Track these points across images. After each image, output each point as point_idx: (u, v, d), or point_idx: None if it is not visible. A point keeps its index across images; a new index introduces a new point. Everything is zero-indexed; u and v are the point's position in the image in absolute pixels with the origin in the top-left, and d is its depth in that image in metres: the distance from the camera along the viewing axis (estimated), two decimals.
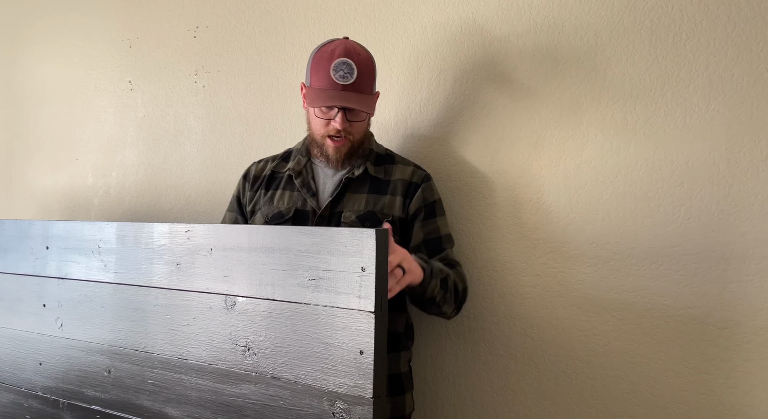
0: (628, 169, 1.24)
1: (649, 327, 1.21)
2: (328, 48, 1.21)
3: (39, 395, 1.23)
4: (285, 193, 1.28)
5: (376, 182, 1.26)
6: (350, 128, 1.21)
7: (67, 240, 1.21)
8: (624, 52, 1.24)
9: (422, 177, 1.28)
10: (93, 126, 2.01)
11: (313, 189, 1.27)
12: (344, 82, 1.18)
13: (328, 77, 1.18)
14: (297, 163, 1.30)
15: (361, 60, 1.20)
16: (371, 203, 1.24)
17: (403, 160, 1.32)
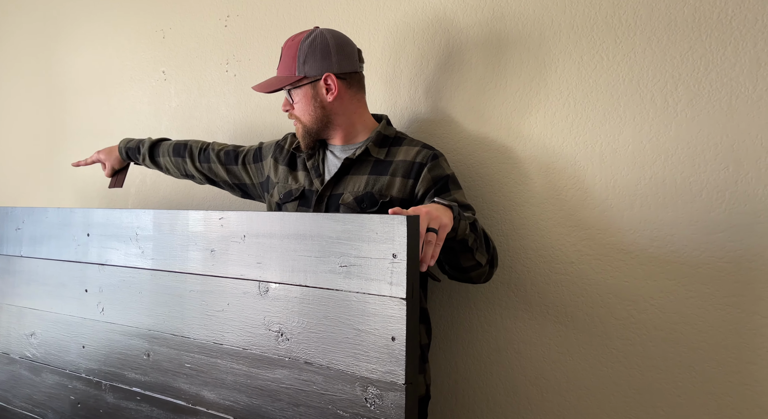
0: (669, 153, 1.19)
1: (690, 316, 1.17)
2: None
3: (83, 377, 1.28)
4: (299, 173, 1.34)
5: (377, 163, 1.27)
6: (292, 110, 1.30)
7: (107, 228, 1.24)
8: (665, 31, 1.19)
9: (428, 156, 1.25)
10: (129, 116, 2.05)
11: (320, 170, 1.31)
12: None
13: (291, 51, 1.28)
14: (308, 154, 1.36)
15: (288, 44, 1.28)
16: (370, 184, 1.24)
17: (412, 142, 1.29)
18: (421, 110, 1.49)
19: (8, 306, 1.44)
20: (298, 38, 1.27)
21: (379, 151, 1.28)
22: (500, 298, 1.36)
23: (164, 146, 1.57)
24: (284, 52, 1.28)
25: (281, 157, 1.38)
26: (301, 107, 1.28)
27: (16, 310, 1.42)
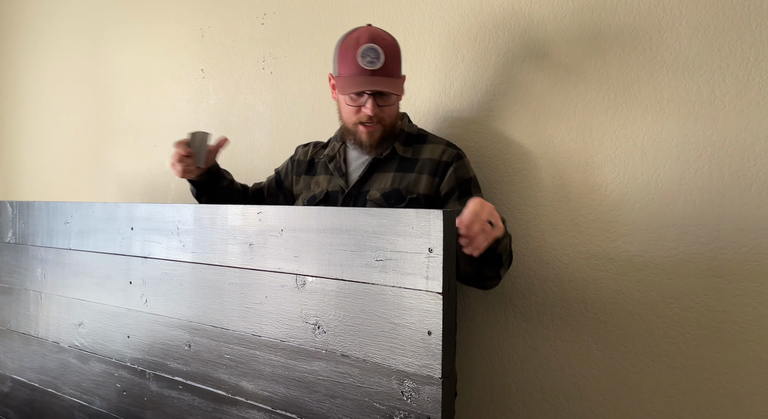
0: (715, 146, 1.15)
1: (738, 314, 1.13)
2: (352, 36, 1.22)
3: (128, 365, 1.32)
4: (321, 177, 1.34)
5: (403, 161, 1.27)
6: (381, 113, 1.23)
7: (150, 222, 1.28)
8: (712, 20, 1.15)
9: (453, 155, 1.26)
10: (169, 113, 2.11)
11: (343, 170, 1.31)
12: (372, 67, 1.19)
13: (356, 64, 1.19)
14: (332, 148, 1.36)
15: (387, 44, 1.21)
16: (397, 181, 1.25)
17: (435, 139, 1.30)
18: (444, 106, 1.48)
19: (58, 297, 1.50)
20: (390, 38, 1.24)
21: (405, 149, 1.28)
22: (537, 295, 1.35)
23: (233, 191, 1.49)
24: (387, 51, 1.21)
25: (299, 169, 1.41)
26: (394, 108, 1.26)
27: (66, 301, 1.48)
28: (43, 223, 1.54)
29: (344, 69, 1.22)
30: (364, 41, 1.20)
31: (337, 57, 1.24)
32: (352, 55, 1.20)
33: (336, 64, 1.25)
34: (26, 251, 1.58)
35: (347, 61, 1.21)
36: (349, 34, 1.24)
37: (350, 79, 1.20)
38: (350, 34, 1.24)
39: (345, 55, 1.21)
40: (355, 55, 1.20)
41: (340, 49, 1.23)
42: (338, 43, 1.25)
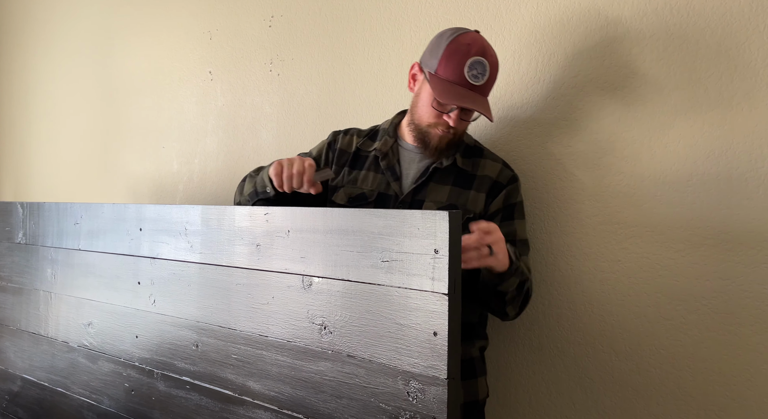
0: (723, 148, 1.15)
1: (745, 316, 1.12)
2: (463, 40, 1.14)
3: (136, 365, 1.34)
4: (369, 174, 1.26)
5: (461, 175, 1.22)
6: (460, 126, 1.19)
7: (158, 223, 1.29)
8: (720, 22, 1.15)
9: (509, 177, 1.24)
10: (177, 115, 2.13)
11: (397, 172, 1.24)
12: (475, 82, 1.13)
13: (461, 73, 1.13)
14: (384, 143, 1.27)
15: (493, 62, 1.16)
16: (454, 196, 1.20)
17: (491, 155, 1.27)
18: None
19: (68, 297, 1.51)
20: (495, 55, 1.17)
21: (464, 161, 1.24)
22: (543, 296, 1.34)
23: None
24: (492, 69, 1.15)
25: (342, 160, 1.30)
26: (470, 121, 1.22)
27: (75, 301, 1.49)
28: (53, 224, 1.55)
29: (445, 71, 1.14)
30: (475, 52, 1.13)
31: (441, 55, 1.14)
32: (460, 61, 1.13)
33: (435, 59, 1.16)
34: (36, 251, 1.60)
35: (452, 65, 1.13)
36: (460, 37, 1.15)
37: (450, 86, 1.13)
38: (460, 36, 1.15)
39: (451, 57, 1.13)
40: (462, 63, 1.13)
41: (447, 49, 1.14)
42: (444, 39, 1.16)
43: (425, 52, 1.20)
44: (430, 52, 1.18)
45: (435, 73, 1.16)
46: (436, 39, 1.18)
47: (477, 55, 1.13)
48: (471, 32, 1.17)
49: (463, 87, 1.13)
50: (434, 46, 1.17)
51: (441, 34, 1.18)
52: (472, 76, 1.13)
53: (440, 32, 1.19)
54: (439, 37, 1.18)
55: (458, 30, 1.17)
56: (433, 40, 1.19)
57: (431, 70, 1.16)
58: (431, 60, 1.17)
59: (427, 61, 1.18)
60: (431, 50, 1.18)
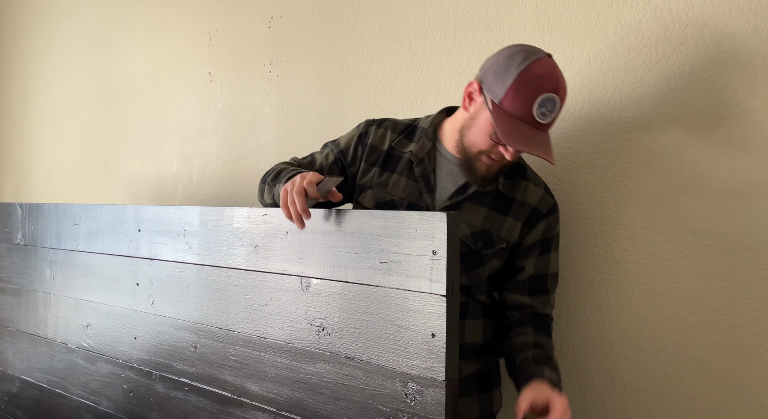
0: (723, 149, 1.15)
1: (745, 318, 1.12)
2: (536, 69, 1.01)
3: (134, 366, 1.33)
4: (401, 179, 1.14)
5: (500, 198, 1.12)
6: (514, 157, 1.07)
7: (156, 224, 1.29)
8: (719, 22, 1.15)
9: (550, 206, 1.15)
10: (177, 116, 2.13)
11: (431, 183, 1.13)
12: (543, 120, 1.02)
13: (529, 109, 1.01)
14: (421, 146, 1.15)
15: (563, 96, 1.04)
16: (490, 221, 1.11)
17: (534, 177, 1.17)
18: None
19: (66, 298, 1.51)
20: (565, 83, 1.06)
21: (505, 183, 1.13)
22: None
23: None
24: (561, 105, 1.04)
25: (372, 158, 1.17)
26: None
27: (74, 302, 1.49)
28: (51, 225, 1.55)
29: (512, 105, 1.01)
30: (548, 88, 1.01)
31: (509, 86, 1.01)
32: (530, 97, 1.00)
33: (501, 87, 1.02)
34: (35, 253, 1.60)
35: (520, 98, 1.01)
36: (532, 65, 1.01)
37: (515, 124, 1.01)
38: (533, 64, 1.01)
39: (521, 91, 1.00)
40: (532, 100, 1.00)
41: (517, 80, 1.01)
42: (515, 66, 1.02)
43: (488, 72, 1.06)
44: (494, 76, 1.04)
45: (499, 104, 1.03)
46: (504, 61, 1.03)
47: (549, 91, 1.01)
48: (544, 58, 1.03)
49: (528, 124, 1.02)
50: (501, 71, 1.03)
51: (510, 56, 1.03)
52: (540, 114, 1.01)
53: (508, 52, 1.05)
54: (507, 60, 1.03)
55: (530, 54, 1.03)
56: (500, 61, 1.04)
57: (495, 98, 1.03)
58: (496, 86, 1.03)
59: (490, 86, 1.04)
60: (497, 73, 1.03)
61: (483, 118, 1.06)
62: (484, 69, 1.08)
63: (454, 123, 1.15)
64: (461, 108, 1.12)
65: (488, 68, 1.06)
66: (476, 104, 1.08)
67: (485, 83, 1.06)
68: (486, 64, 1.08)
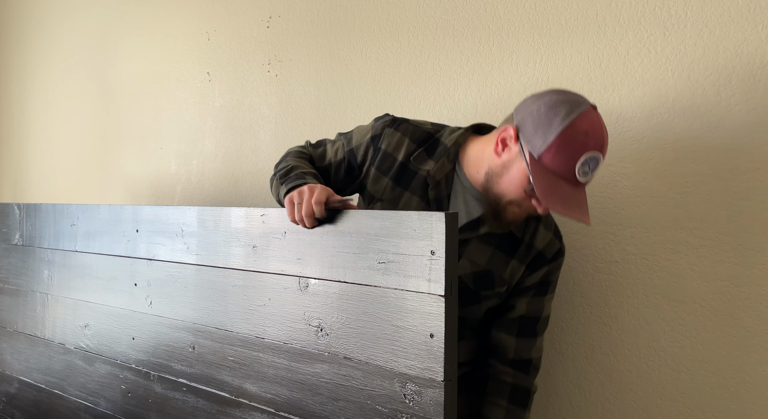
0: (722, 149, 1.14)
1: (744, 318, 1.12)
2: (581, 126, 0.93)
3: (133, 367, 1.33)
4: (414, 198, 1.07)
5: (509, 238, 1.07)
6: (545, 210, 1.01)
7: (154, 224, 1.29)
8: (717, 23, 1.14)
9: (556, 251, 1.11)
10: (175, 117, 2.12)
11: (443, 208, 1.07)
12: (584, 179, 0.95)
13: (571, 168, 0.94)
14: (440, 167, 1.06)
15: (605, 151, 0.98)
16: (494, 261, 1.07)
17: (546, 219, 1.12)
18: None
19: (64, 298, 1.51)
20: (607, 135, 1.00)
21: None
22: None
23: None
24: (604, 157, 0.99)
25: (383, 166, 1.09)
26: None
27: (72, 303, 1.49)
28: (49, 225, 1.55)
29: (552, 161, 0.94)
30: (593, 146, 0.94)
31: (551, 141, 0.94)
32: (573, 156, 0.93)
33: (542, 141, 0.94)
34: (33, 253, 1.60)
35: (562, 156, 0.93)
36: (577, 121, 0.93)
37: (555, 183, 0.94)
38: (578, 120, 0.93)
39: (564, 148, 0.93)
40: (576, 158, 0.93)
41: (560, 137, 0.93)
42: (558, 121, 0.94)
43: (526, 120, 0.97)
44: (534, 127, 0.96)
45: (539, 159, 0.95)
46: (547, 112, 0.95)
47: (594, 149, 0.94)
48: (589, 111, 0.95)
49: (567, 182, 0.95)
50: (542, 122, 0.95)
51: (553, 107, 0.95)
52: (582, 173, 0.94)
53: (550, 101, 0.96)
54: (550, 112, 0.95)
55: (574, 107, 0.95)
56: (541, 111, 0.96)
57: (534, 151, 0.95)
58: (536, 139, 0.95)
59: (529, 137, 0.96)
60: (537, 125, 0.95)
61: (518, 169, 0.98)
62: (521, 115, 0.98)
63: (480, 156, 1.05)
64: (492, 149, 1.02)
65: (527, 116, 0.97)
66: (510, 152, 0.99)
67: (523, 132, 0.97)
68: (524, 109, 0.99)
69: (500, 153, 1.01)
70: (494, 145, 1.01)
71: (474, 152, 1.07)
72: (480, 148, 1.06)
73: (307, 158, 1.17)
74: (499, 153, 1.01)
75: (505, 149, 1.00)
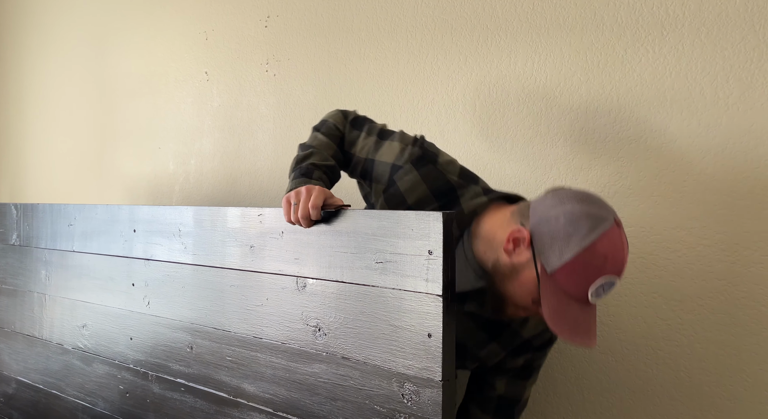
0: (719, 148, 1.14)
1: (742, 317, 1.12)
2: (601, 249, 0.86)
3: (131, 367, 1.33)
4: None
5: (494, 320, 1.02)
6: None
7: (152, 224, 1.29)
8: (715, 22, 1.14)
9: (545, 341, 1.06)
10: (173, 116, 2.12)
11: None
12: (596, 300, 0.89)
13: (584, 291, 0.87)
14: None
15: (623, 273, 0.90)
16: (472, 338, 1.03)
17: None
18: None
19: (62, 299, 1.51)
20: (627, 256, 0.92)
21: None
22: None
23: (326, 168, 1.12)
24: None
25: (392, 202, 1.05)
26: None
27: (69, 303, 1.49)
28: (46, 225, 1.55)
29: (566, 281, 0.87)
30: (611, 270, 0.86)
31: (567, 261, 0.86)
32: (589, 279, 0.87)
33: (557, 258, 0.87)
34: (30, 253, 1.59)
35: (577, 278, 0.87)
36: (598, 243, 0.86)
37: (564, 302, 0.87)
38: (599, 241, 0.86)
39: (580, 268, 0.86)
40: (591, 281, 0.86)
41: (577, 258, 0.86)
42: (577, 240, 0.86)
43: (542, 228, 0.89)
44: (551, 239, 0.88)
45: (552, 276, 0.88)
46: (566, 226, 0.87)
47: (612, 273, 0.87)
48: (612, 230, 0.87)
49: (578, 302, 0.88)
50: (560, 237, 0.87)
51: (574, 222, 0.87)
52: (595, 296, 0.88)
53: (572, 214, 0.88)
54: (569, 226, 0.87)
55: (597, 224, 0.86)
56: (560, 224, 0.88)
57: (548, 267, 0.88)
58: (551, 253, 0.87)
59: (544, 249, 0.88)
60: (554, 238, 0.87)
61: (527, 278, 0.90)
62: (538, 217, 0.90)
63: (491, 237, 0.96)
64: (504, 239, 0.92)
65: (544, 222, 0.89)
66: (521, 256, 0.90)
67: (537, 241, 0.89)
68: (542, 211, 0.90)
69: (510, 252, 0.92)
70: (505, 241, 0.92)
71: (486, 229, 0.97)
72: (493, 228, 0.96)
73: (336, 138, 1.12)
74: (510, 252, 0.92)
75: (516, 250, 0.91)
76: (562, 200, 0.90)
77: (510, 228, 0.93)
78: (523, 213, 0.93)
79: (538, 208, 0.92)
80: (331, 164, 1.09)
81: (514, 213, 0.95)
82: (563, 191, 0.93)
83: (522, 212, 0.94)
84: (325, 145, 1.11)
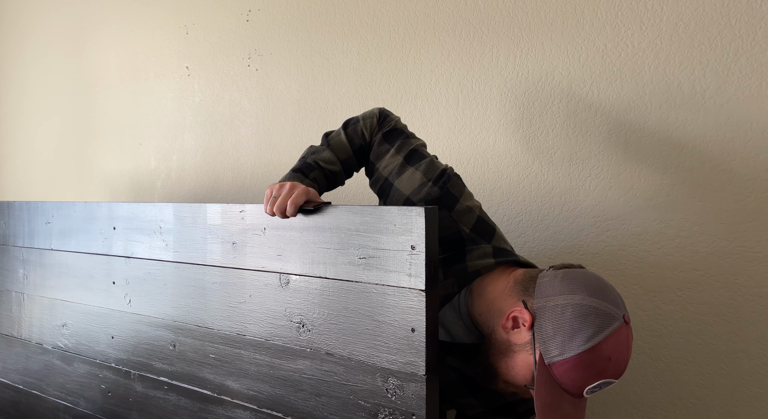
0: (696, 141, 1.16)
1: (719, 306, 1.14)
2: (606, 349, 0.82)
3: (112, 366, 1.31)
4: None
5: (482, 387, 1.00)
6: None
7: (132, 221, 1.27)
8: (692, 16, 1.16)
9: (530, 409, 1.03)
10: (154, 111, 2.09)
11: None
12: (588, 395, 0.86)
13: (581, 389, 0.84)
14: (446, 285, 0.98)
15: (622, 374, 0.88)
16: (450, 386, 1.02)
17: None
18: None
19: (40, 297, 1.48)
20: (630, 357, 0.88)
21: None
22: None
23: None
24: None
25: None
26: None
27: (48, 302, 1.46)
28: (23, 224, 1.52)
29: (564, 376, 0.84)
30: (611, 374, 0.83)
31: (569, 358, 0.82)
32: (587, 379, 0.83)
33: (559, 351, 0.83)
34: (7, 252, 1.56)
35: (575, 375, 0.83)
36: (604, 342, 0.82)
37: (558, 396, 0.84)
38: (606, 341, 0.82)
39: (581, 367, 0.82)
40: (590, 381, 0.83)
41: (580, 357, 0.82)
42: (582, 338, 0.82)
43: (547, 315, 0.85)
44: (555, 330, 0.84)
45: (549, 366, 0.85)
46: (572, 320, 0.83)
47: (611, 377, 0.83)
48: (618, 332, 0.83)
49: (572, 396, 0.85)
50: (564, 330, 0.83)
51: (581, 317, 0.83)
52: (589, 391, 0.85)
53: (581, 308, 0.84)
54: (576, 321, 0.83)
55: (606, 323, 0.83)
56: (566, 316, 0.84)
57: (547, 357, 0.85)
58: (552, 345, 0.84)
59: (546, 338, 0.85)
60: (558, 329, 0.84)
61: (523, 361, 0.88)
62: (543, 301, 0.86)
63: (489, 303, 0.93)
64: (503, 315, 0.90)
65: (549, 310, 0.85)
66: (520, 336, 0.88)
67: (539, 327, 0.85)
68: (549, 297, 0.86)
69: (509, 329, 0.89)
70: (504, 318, 0.89)
71: (486, 293, 0.95)
72: (492, 294, 0.94)
73: (356, 145, 1.08)
74: (508, 329, 0.89)
75: (515, 330, 0.88)
76: (572, 289, 0.85)
77: (511, 302, 0.89)
78: (527, 288, 0.89)
79: (545, 289, 0.87)
80: (335, 169, 1.08)
81: (518, 284, 0.91)
82: (575, 277, 0.87)
83: (525, 286, 0.90)
84: (342, 148, 1.08)
